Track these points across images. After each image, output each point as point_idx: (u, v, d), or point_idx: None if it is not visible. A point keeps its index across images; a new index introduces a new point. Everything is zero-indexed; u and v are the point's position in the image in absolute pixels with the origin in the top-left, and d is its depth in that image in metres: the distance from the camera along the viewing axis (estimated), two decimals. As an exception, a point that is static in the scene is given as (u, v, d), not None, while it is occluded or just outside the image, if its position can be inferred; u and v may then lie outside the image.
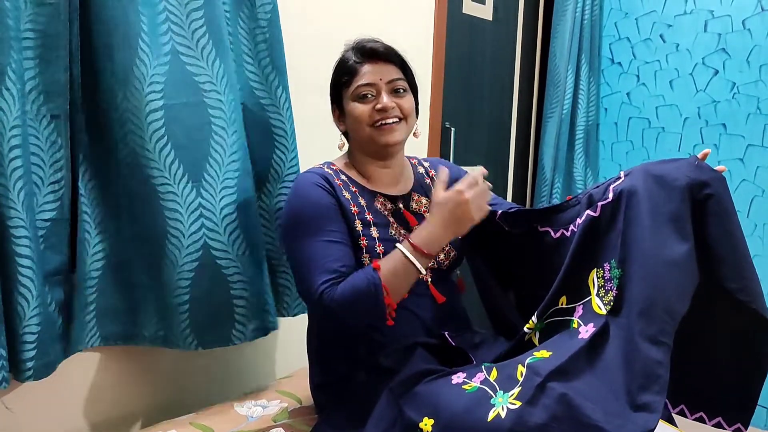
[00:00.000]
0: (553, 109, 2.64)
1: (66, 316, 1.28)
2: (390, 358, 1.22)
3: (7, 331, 1.15)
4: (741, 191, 2.37)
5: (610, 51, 2.69)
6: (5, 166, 1.11)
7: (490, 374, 1.08)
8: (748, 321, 1.11)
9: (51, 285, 1.25)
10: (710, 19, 2.41)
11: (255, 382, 1.67)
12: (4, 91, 1.09)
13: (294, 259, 1.23)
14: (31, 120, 1.19)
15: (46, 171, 1.23)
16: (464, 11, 2.37)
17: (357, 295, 1.13)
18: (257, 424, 1.33)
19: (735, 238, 1.10)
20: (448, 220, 1.18)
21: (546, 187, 2.64)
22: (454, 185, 1.19)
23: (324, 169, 1.30)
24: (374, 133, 1.27)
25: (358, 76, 1.27)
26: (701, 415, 1.20)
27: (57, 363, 1.26)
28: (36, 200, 1.21)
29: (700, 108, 2.46)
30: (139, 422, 1.47)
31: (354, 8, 1.89)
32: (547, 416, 0.96)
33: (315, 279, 1.15)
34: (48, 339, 1.21)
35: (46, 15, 1.18)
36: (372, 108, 1.26)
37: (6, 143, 1.10)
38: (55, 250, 1.26)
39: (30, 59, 1.18)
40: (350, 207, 1.25)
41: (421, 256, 1.16)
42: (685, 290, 1.06)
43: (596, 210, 1.16)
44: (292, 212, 1.25)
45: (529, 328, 1.19)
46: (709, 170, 1.11)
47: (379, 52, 1.27)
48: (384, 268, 1.15)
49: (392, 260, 1.17)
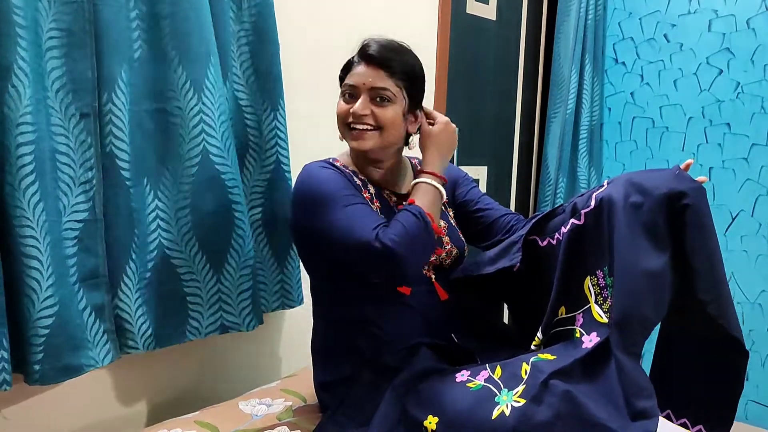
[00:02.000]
0: (557, 108, 2.63)
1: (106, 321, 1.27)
2: (394, 357, 1.22)
3: (14, 333, 1.15)
4: (745, 191, 2.37)
5: (614, 51, 2.69)
6: (12, 163, 1.10)
7: (494, 372, 1.08)
8: (719, 337, 1.12)
9: (87, 289, 1.23)
10: (714, 18, 2.41)
11: (259, 381, 1.67)
12: (11, 89, 1.09)
13: (331, 227, 1.18)
14: (60, 119, 1.19)
15: (76, 171, 1.22)
16: (468, 11, 2.37)
17: (411, 227, 1.16)
18: (261, 423, 1.33)
19: (709, 249, 1.10)
20: (445, 147, 1.32)
21: (550, 186, 2.64)
22: (439, 119, 1.34)
23: (328, 162, 1.30)
24: (346, 132, 1.28)
25: (350, 74, 1.27)
26: (684, 421, 1.21)
27: (83, 368, 1.23)
28: (68, 201, 1.20)
29: (704, 107, 2.46)
30: (143, 420, 1.48)
31: (357, 8, 1.89)
32: (551, 414, 0.96)
33: (365, 230, 1.14)
34: (65, 343, 1.19)
35: (71, 13, 1.18)
36: (348, 109, 1.26)
37: (13, 139, 1.09)
38: (89, 252, 1.24)
39: (56, 58, 1.18)
40: (362, 192, 1.26)
41: (438, 181, 1.27)
42: (660, 301, 1.07)
43: (580, 218, 1.16)
44: (311, 191, 1.22)
45: (536, 344, 1.19)
46: (689, 180, 1.10)
47: (374, 57, 1.25)
48: (419, 200, 1.22)
49: (421, 192, 1.24)
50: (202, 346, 1.60)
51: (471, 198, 1.46)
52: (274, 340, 1.80)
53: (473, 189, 1.48)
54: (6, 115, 1.09)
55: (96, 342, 1.26)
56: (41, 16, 1.15)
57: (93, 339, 1.25)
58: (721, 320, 1.10)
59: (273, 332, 1.78)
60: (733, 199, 2.39)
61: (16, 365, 1.17)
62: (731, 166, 2.40)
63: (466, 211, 1.45)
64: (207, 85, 1.35)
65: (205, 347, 1.61)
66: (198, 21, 1.33)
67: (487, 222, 1.42)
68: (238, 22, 1.47)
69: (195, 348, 1.59)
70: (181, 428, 1.28)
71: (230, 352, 1.68)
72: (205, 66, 1.35)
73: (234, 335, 1.64)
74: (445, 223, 1.36)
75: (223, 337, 1.52)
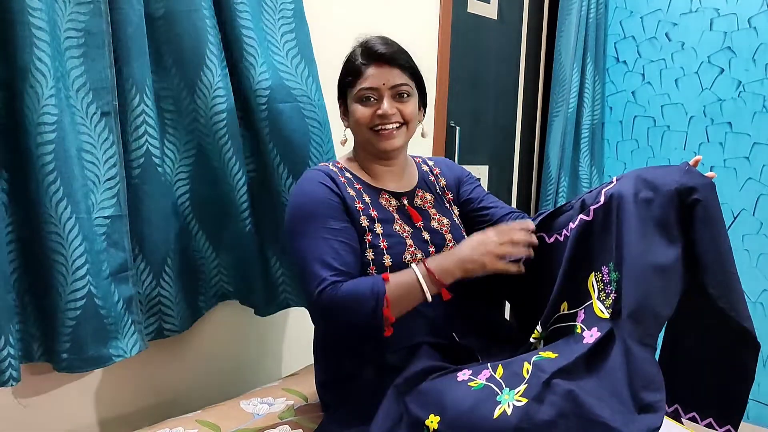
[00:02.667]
0: (559, 107, 2.63)
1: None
2: (396, 356, 1.22)
3: (43, 324, 1.21)
4: (747, 189, 2.37)
5: (616, 50, 2.69)
6: (34, 162, 1.13)
7: (495, 371, 1.08)
8: (729, 330, 1.11)
9: (117, 282, 1.28)
10: (716, 17, 2.41)
11: (261, 380, 1.67)
12: (29, 89, 1.11)
13: (296, 255, 1.22)
14: (82, 118, 1.22)
15: (101, 168, 1.25)
16: (469, 10, 2.37)
17: (357, 298, 1.13)
18: (263, 422, 1.33)
19: (719, 244, 1.09)
20: (466, 256, 1.17)
21: (551, 185, 2.64)
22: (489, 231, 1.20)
23: (329, 166, 1.30)
24: (373, 137, 1.28)
25: (362, 78, 1.26)
26: (694, 415, 1.20)
27: (111, 358, 1.27)
28: (95, 198, 1.24)
29: (705, 106, 2.46)
30: (145, 419, 1.48)
31: (358, 8, 1.89)
32: (554, 413, 0.96)
33: (315, 275, 1.15)
34: (91, 335, 1.22)
35: (87, 13, 1.20)
36: (373, 112, 1.26)
37: (33, 140, 1.12)
38: (118, 246, 1.28)
39: (75, 58, 1.21)
40: (355, 204, 1.25)
41: (431, 281, 1.16)
42: (671, 295, 1.07)
43: (589, 214, 1.16)
44: (296, 209, 1.24)
45: (535, 337, 1.19)
46: (698, 176, 1.10)
47: (384, 55, 1.26)
48: (392, 280, 1.16)
49: (402, 276, 1.17)
50: (203, 344, 1.60)
51: (475, 196, 1.46)
52: (276, 338, 1.80)
53: (477, 187, 1.48)
54: (25, 115, 1.12)
55: (125, 333, 1.30)
56: (58, 16, 1.17)
57: (123, 330, 1.29)
58: (732, 312, 1.09)
59: (275, 331, 1.78)
60: (735, 198, 2.39)
61: (45, 354, 1.23)
62: (732, 165, 2.40)
63: (470, 209, 1.44)
64: (200, 86, 1.37)
65: (206, 345, 1.61)
66: (191, 22, 1.34)
67: (491, 220, 1.42)
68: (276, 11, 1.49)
69: (196, 346, 1.59)
70: (183, 427, 1.28)
71: (232, 350, 1.68)
72: (198, 67, 1.36)
73: (235, 334, 1.64)
74: (448, 220, 1.37)
75: (225, 335, 1.53)
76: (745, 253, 2.37)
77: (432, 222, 1.34)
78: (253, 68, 1.41)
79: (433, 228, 1.33)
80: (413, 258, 1.26)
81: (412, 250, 1.27)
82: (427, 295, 1.16)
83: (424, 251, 1.28)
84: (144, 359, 1.46)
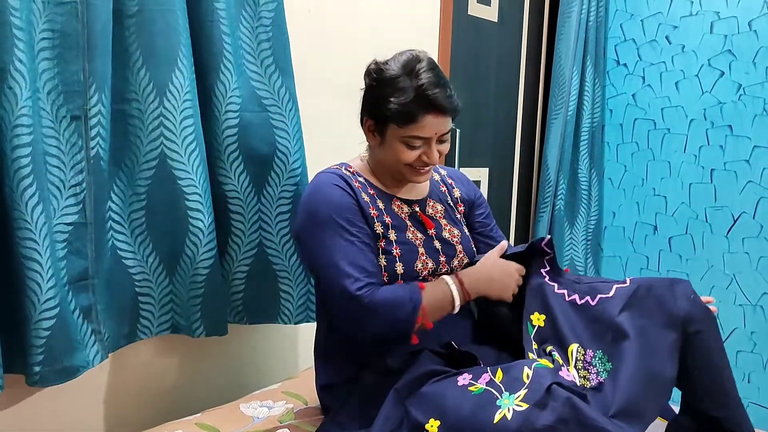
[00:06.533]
0: (558, 110, 2.63)
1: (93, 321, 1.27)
2: (396, 360, 1.22)
3: (15, 335, 1.14)
4: (747, 193, 2.37)
5: (616, 52, 2.69)
6: (8, 166, 1.09)
7: (495, 375, 1.09)
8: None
9: (75, 291, 1.23)
10: (716, 20, 2.41)
11: (261, 383, 1.67)
12: (7, 90, 1.07)
13: (319, 258, 1.20)
14: (51, 121, 1.18)
15: (66, 173, 1.20)
16: (470, 12, 2.37)
17: (396, 304, 1.16)
18: (263, 425, 1.33)
19: (717, 369, 1.16)
20: (496, 278, 1.27)
21: (550, 188, 2.64)
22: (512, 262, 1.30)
23: (341, 170, 1.29)
24: (408, 171, 1.27)
25: (416, 125, 1.21)
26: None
27: (79, 370, 1.22)
28: (58, 204, 1.19)
29: (705, 109, 2.46)
30: (145, 423, 1.47)
31: (359, 9, 1.89)
32: (554, 418, 0.96)
33: (349, 275, 1.15)
34: (63, 346, 1.18)
35: (64, 14, 1.17)
36: (417, 156, 1.24)
37: (8, 143, 1.08)
38: (79, 254, 1.23)
39: (48, 59, 1.16)
40: (369, 210, 1.25)
41: (462, 294, 1.23)
42: (659, 408, 1.12)
43: (595, 300, 1.21)
44: (314, 211, 1.22)
45: None
46: (702, 308, 1.16)
47: (447, 108, 1.22)
48: (427, 290, 1.19)
49: (436, 287, 1.22)
50: (202, 348, 1.60)
51: (486, 223, 1.48)
52: (276, 342, 1.80)
53: (489, 214, 1.49)
54: (1, 116, 1.08)
55: (86, 343, 1.25)
56: (35, 17, 1.13)
57: (83, 340, 1.24)
58: (738, 429, 1.17)
59: (275, 334, 1.78)
60: (735, 201, 2.39)
61: (14, 366, 1.17)
62: (733, 168, 2.40)
63: (477, 233, 1.46)
64: (171, 89, 1.32)
65: (205, 349, 1.61)
66: (165, 22, 1.31)
67: None
68: (255, 18, 1.46)
69: (195, 350, 1.59)
70: (183, 430, 1.28)
71: (231, 353, 1.68)
72: (170, 69, 1.32)
73: (237, 337, 1.64)
74: (458, 231, 1.37)
75: (224, 338, 1.52)
76: (745, 257, 2.37)
77: (443, 232, 1.34)
78: (224, 76, 1.39)
79: (445, 238, 1.33)
80: (424, 267, 1.26)
81: (423, 258, 1.27)
82: (456, 305, 1.22)
83: (435, 261, 1.29)
84: (145, 362, 1.46)
